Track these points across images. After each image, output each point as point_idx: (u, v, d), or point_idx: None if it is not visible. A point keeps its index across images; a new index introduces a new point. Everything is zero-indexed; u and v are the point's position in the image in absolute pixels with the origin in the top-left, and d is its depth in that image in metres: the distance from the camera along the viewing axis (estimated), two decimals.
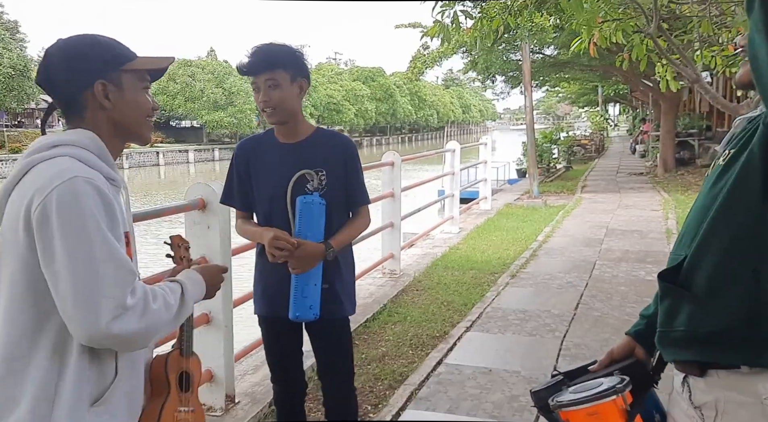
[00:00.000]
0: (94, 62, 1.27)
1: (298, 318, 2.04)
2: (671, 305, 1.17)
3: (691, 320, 1.13)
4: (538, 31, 10.74)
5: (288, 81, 2.03)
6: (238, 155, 2.19)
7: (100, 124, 1.29)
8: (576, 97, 41.47)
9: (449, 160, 8.07)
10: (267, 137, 2.18)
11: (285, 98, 2.03)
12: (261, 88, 2.02)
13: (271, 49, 2.04)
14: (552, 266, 6.17)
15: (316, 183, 2.07)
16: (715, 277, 1.10)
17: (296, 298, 2.02)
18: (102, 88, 1.27)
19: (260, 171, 2.13)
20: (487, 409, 3.08)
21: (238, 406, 3.00)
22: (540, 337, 4.13)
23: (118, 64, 1.29)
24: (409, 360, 3.74)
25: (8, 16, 38.92)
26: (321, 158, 2.10)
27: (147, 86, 1.35)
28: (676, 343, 1.16)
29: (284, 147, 2.12)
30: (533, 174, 12.38)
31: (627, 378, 1.24)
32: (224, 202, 2.29)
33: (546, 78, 21.29)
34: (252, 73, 2.02)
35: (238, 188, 2.18)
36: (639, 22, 4.59)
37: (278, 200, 2.08)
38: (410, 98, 63.38)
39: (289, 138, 2.13)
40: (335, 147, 2.14)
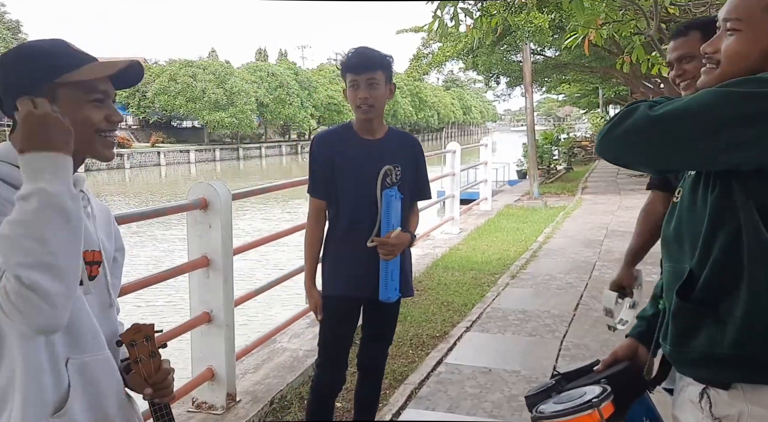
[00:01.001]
0: (21, 78, 1.14)
1: (389, 298, 2.26)
2: (687, 324, 1.14)
3: (712, 340, 1.09)
4: (538, 31, 10.75)
5: (384, 83, 2.24)
6: (319, 146, 2.32)
7: None
8: (577, 99, 41.50)
9: (450, 161, 8.08)
10: (347, 132, 2.34)
11: (380, 98, 2.24)
12: (361, 86, 2.20)
13: (372, 52, 2.24)
14: (552, 266, 6.18)
15: (394, 177, 2.28)
16: (741, 297, 1.07)
17: (386, 281, 2.24)
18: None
19: (346, 164, 2.27)
20: (486, 409, 3.10)
21: (239, 405, 3.02)
22: (540, 337, 4.14)
23: (51, 78, 1.14)
24: (409, 360, 3.75)
25: (10, 15, 38.97)
26: (398, 154, 2.32)
27: (98, 98, 1.17)
28: (696, 363, 1.14)
29: (368, 143, 2.30)
30: (534, 175, 12.41)
31: (608, 389, 1.22)
32: (312, 194, 2.39)
33: (547, 79, 21.32)
34: (355, 72, 2.20)
35: (322, 179, 2.31)
36: (639, 23, 4.61)
37: (366, 191, 2.25)
38: (411, 99, 63.38)
39: (371, 135, 2.31)
40: (408, 145, 2.39)
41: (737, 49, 1.14)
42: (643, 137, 1.09)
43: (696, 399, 1.14)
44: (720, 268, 1.09)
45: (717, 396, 1.10)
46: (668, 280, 1.21)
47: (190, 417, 2.92)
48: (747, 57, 1.13)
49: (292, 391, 3.25)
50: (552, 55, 17.30)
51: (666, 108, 1.08)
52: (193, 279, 2.96)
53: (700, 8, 4.68)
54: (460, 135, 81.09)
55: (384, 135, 2.35)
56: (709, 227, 1.10)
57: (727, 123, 1.02)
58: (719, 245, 1.09)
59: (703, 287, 1.11)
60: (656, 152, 1.10)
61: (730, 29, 1.15)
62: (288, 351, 3.72)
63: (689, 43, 1.91)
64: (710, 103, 1.04)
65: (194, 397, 2.99)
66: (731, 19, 1.15)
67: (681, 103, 1.07)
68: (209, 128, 43.79)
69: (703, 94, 1.06)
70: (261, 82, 45.59)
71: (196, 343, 3.00)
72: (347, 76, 2.23)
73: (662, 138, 1.07)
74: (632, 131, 1.10)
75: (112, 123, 1.19)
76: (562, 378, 1.38)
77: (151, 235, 13.63)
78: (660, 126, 1.07)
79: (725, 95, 1.04)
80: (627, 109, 1.13)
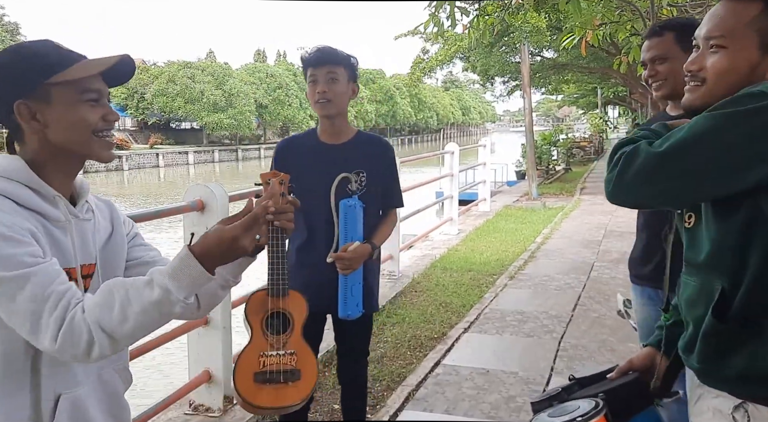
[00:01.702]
0: (11, 81, 1.10)
1: (348, 316, 2.16)
2: (723, 343, 1.11)
3: (752, 359, 1.07)
4: (535, 32, 10.76)
5: (345, 79, 2.17)
6: (280, 153, 2.26)
7: (35, 146, 1.13)
8: (575, 100, 41.55)
9: (448, 161, 8.08)
10: (309, 137, 2.27)
11: (340, 94, 2.15)
12: (320, 81, 2.13)
13: (335, 49, 2.19)
14: (550, 267, 6.18)
15: (356, 185, 2.18)
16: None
17: (346, 297, 2.14)
18: (25, 108, 1.10)
19: (303, 170, 2.16)
20: (484, 410, 3.09)
21: (236, 407, 3.01)
22: (538, 338, 4.14)
23: (42, 78, 1.10)
24: (407, 361, 3.75)
25: (8, 18, 38.94)
26: (362, 159, 2.21)
27: (93, 98, 1.14)
28: (733, 380, 1.11)
29: (328, 148, 2.21)
30: (532, 176, 12.42)
31: (600, 404, 1.21)
32: None
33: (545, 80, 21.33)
34: (315, 65, 2.14)
35: None
36: (636, 24, 4.61)
37: (320, 199, 2.16)
38: (410, 100, 63.42)
39: (333, 138, 2.23)
40: (376, 150, 2.28)
41: (725, 65, 1.15)
42: (658, 176, 1.06)
43: (728, 411, 1.11)
44: (759, 284, 1.07)
45: (756, 411, 1.08)
46: (692, 296, 1.18)
47: (187, 420, 2.92)
48: (736, 72, 1.15)
49: None
50: (550, 56, 17.32)
51: (670, 142, 1.06)
52: None
53: (696, 9, 4.69)
54: (459, 136, 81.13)
55: (349, 139, 2.24)
56: (740, 245, 1.08)
57: (739, 143, 1.01)
58: (755, 261, 1.07)
59: (741, 305, 1.08)
60: (677, 188, 1.07)
61: (715, 47, 1.16)
62: None
63: (663, 44, 1.91)
64: (716, 128, 1.03)
65: (191, 399, 2.99)
66: (715, 36, 1.16)
67: (684, 134, 1.05)
68: (208, 130, 43.75)
69: (703, 121, 1.05)
70: (260, 84, 45.59)
71: (193, 345, 2.99)
72: (307, 72, 2.16)
73: (678, 173, 1.05)
74: (644, 173, 1.07)
75: (109, 123, 1.17)
76: (574, 384, 1.36)
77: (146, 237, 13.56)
78: (672, 162, 1.05)
79: (727, 117, 1.03)
80: (627, 151, 1.10)
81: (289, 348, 1.49)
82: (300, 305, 1.51)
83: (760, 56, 1.12)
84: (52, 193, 1.13)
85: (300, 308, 1.51)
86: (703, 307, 1.14)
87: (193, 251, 1.11)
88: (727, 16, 1.16)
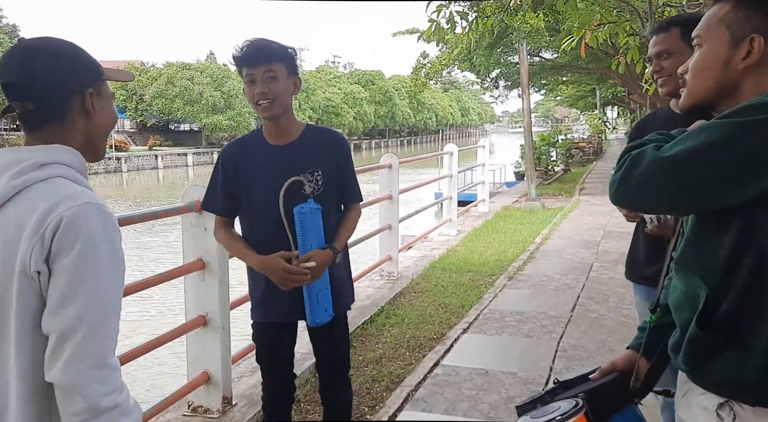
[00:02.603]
0: (83, 68, 1.20)
1: (317, 324, 2.06)
2: (706, 351, 1.12)
3: (735, 367, 1.08)
4: (534, 32, 10.77)
5: (285, 75, 2.01)
6: (226, 158, 2.13)
7: (76, 133, 1.19)
8: (574, 101, 41.58)
9: (447, 162, 8.09)
10: (255, 139, 2.12)
11: (281, 92, 2.00)
12: (258, 81, 1.98)
13: (268, 43, 2.02)
14: (549, 268, 6.18)
15: (311, 186, 2.04)
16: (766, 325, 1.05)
17: (313, 305, 2.04)
18: (90, 95, 1.20)
19: (251, 176, 2.07)
20: (483, 410, 3.09)
21: (235, 408, 3.01)
22: (537, 339, 4.14)
23: (100, 73, 1.22)
24: (406, 362, 3.75)
25: (7, 19, 38.91)
26: (315, 158, 2.06)
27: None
28: (718, 383, 1.12)
29: (275, 150, 2.07)
30: (531, 177, 12.42)
31: (580, 404, 1.23)
32: (206, 208, 2.24)
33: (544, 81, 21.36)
34: (251, 65, 1.98)
35: (224, 192, 2.12)
36: (634, 24, 4.62)
37: (269, 206, 2.02)
38: (409, 101, 63.45)
39: (280, 139, 2.08)
40: (328, 145, 2.12)
41: (700, 62, 1.18)
42: (662, 181, 1.06)
43: (713, 408, 1.12)
44: (745, 296, 1.07)
45: (742, 410, 1.09)
46: (679, 300, 1.19)
47: (185, 421, 2.92)
48: (710, 68, 1.16)
49: None
50: (549, 57, 17.34)
51: (678, 148, 1.05)
52: (188, 282, 2.96)
53: (695, 9, 4.70)
54: (458, 137, 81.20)
55: (297, 137, 2.09)
56: (732, 255, 1.07)
57: (743, 153, 1.01)
58: (744, 273, 1.06)
59: (725, 315, 1.09)
60: (679, 195, 1.07)
61: (696, 46, 1.20)
62: None
63: (669, 39, 1.91)
64: (721, 138, 1.03)
65: (190, 401, 2.98)
66: (695, 36, 1.20)
67: (693, 142, 1.05)
68: (207, 131, 43.77)
69: (713, 129, 1.04)
70: None
71: (191, 346, 2.99)
72: (243, 72, 2.00)
73: (683, 180, 1.05)
74: (648, 177, 1.07)
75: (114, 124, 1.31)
76: (558, 387, 1.38)
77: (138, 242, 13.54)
78: (677, 169, 1.05)
79: (740, 125, 1.02)
80: (634, 154, 1.10)
81: None
82: None
83: (731, 51, 1.13)
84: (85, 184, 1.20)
85: None
86: (688, 312, 1.15)
87: None
88: (708, 15, 1.19)
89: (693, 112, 1.20)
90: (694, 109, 1.20)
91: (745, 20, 1.12)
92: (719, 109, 1.17)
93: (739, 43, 1.12)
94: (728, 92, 1.15)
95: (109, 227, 1.08)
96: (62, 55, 1.18)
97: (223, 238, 2.19)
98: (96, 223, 1.06)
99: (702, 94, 1.18)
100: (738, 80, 1.13)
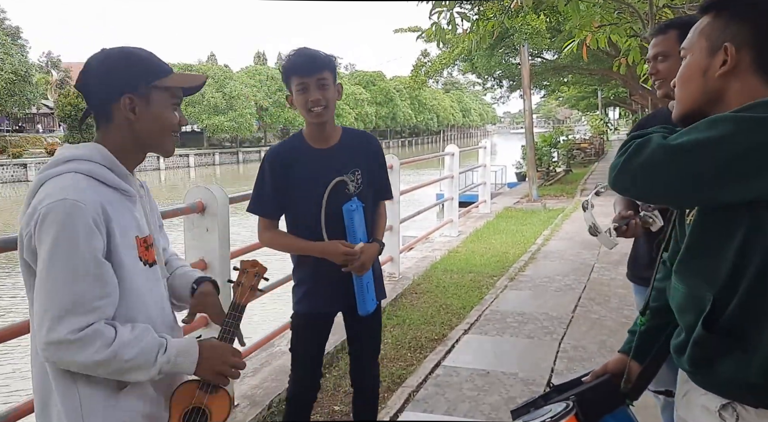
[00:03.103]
0: (125, 76, 1.31)
1: (368, 312, 2.24)
2: (711, 352, 1.12)
3: (740, 368, 1.08)
4: (535, 34, 10.78)
5: (332, 82, 2.14)
6: (273, 162, 2.20)
7: (123, 134, 1.33)
8: (576, 101, 41.56)
9: (448, 163, 8.09)
10: (298, 143, 2.23)
11: (331, 99, 2.13)
12: (310, 88, 2.09)
13: (316, 52, 2.13)
14: (550, 268, 6.18)
15: (354, 185, 2.18)
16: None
17: (364, 295, 2.21)
18: (129, 101, 1.31)
19: (299, 178, 2.16)
20: (484, 411, 3.10)
21: (238, 409, 3.02)
22: (538, 339, 4.15)
23: (149, 80, 1.33)
24: (407, 363, 3.75)
25: (10, 22, 38.99)
26: (354, 159, 2.21)
27: (177, 103, 1.39)
28: (721, 385, 1.12)
29: (320, 153, 2.19)
30: (532, 177, 12.42)
31: (569, 406, 1.25)
32: (255, 211, 2.28)
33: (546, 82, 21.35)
34: (304, 74, 2.08)
35: (273, 194, 2.20)
36: (635, 26, 4.62)
37: (315, 206, 2.16)
38: (410, 102, 63.50)
39: (322, 143, 2.19)
40: (365, 146, 2.28)
41: (683, 73, 1.21)
42: (666, 168, 1.04)
43: (715, 409, 1.13)
44: (751, 298, 1.07)
45: (745, 412, 1.09)
46: (683, 302, 1.19)
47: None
48: (691, 78, 1.18)
49: None
50: (550, 58, 17.34)
51: (685, 138, 1.04)
52: None
53: (695, 11, 4.70)
54: (459, 138, 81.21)
55: (338, 141, 2.22)
56: (738, 258, 1.07)
57: (750, 149, 1.00)
58: (750, 276, 1.06)
59: (730, 317, 1.09)
60: (681, 186, 1.05)
61: (682, 58, 1.22)
62: (287, 354, 3.70)
63: (666, 41, 1.92)
64: (731, 132, 1.01)
65: None
66: (682, 49, 1.23)
67: (701, 134, 1.04)
68: (209, 132, 43.83)
69: (719, 123, 1.04)
70: (260, 86, 45.69)
71: None
72: (293, 80, 2.10)
73: (686, 171, 1.03)
74: (652, 163, 1.05)
75: (182, 125, 1.43)
76: (553, 391, 1.40)
77: None
78: (682, 158, 1.03)
79: (741, 122, 1.02)
80: (639, 140, 1.08)
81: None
82: (223, 406, 1.40)
83: (708, 60, 1.15)
84: (125, 171, 1.35)
85: (222, 410, 1.40)
86: (692, 314, 1.15)
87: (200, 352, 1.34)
88: (693, 28, 1.21)
89: (685, 121, 1.21)
90: (685, 118, 1.20)
91: (720, 30, 1.14)
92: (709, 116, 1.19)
93: (715, 52, 1.14)
94: (714, 100, 1.16)
95: (76, 220, 1.20)
96: (103, 66, 1.32)
97: (272, 238, 2.29)
98: (63, 217, 1.19)
99: (689, 104, 1.19)
100: (719, 88, 1.14)
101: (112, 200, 1.29)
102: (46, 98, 44.37)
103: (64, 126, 38.77)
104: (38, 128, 46.85)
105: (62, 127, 41.02)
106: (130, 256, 1.30)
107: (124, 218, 1.30)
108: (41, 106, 44.04)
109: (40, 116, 47.72)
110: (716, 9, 1.16)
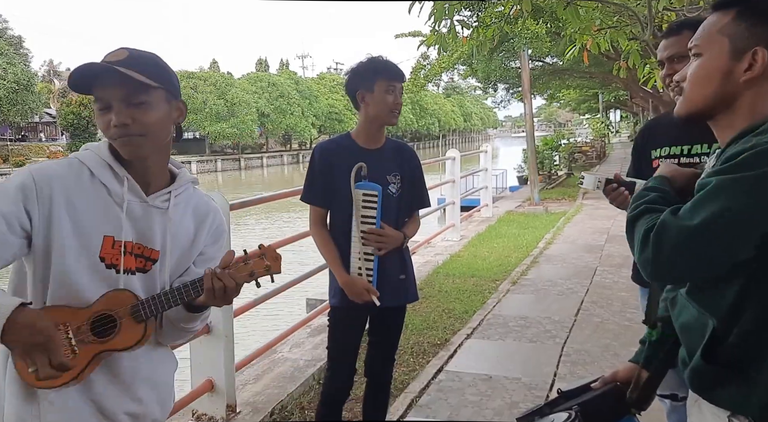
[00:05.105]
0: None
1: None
2: (710, 382, 1.12)
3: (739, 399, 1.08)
4: (535, 38, 10.79)
5: None
6: (321, 155, 2.34)
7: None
8: (577, 105, 41.59)
9: (450, 168, 8.09)
10: (347, 142, 2.37)
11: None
12: (397, 93, 2.31)
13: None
14: (553, 272, 6.17)
15: (395, 186, 2.33)
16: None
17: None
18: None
19: (345, 172, 2.27)
20: (487, 416, 3.09)
21: (239, 416, 3.01)
22: (541, 343, 4.13)
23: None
24: (410, 368, 3.74)
25: (12, 32, 39.15)
26: (397, 163, 2.38)
27: (100, 108, 1.36)
28: (726, 404, 1.11)
29: (368, 152, 2.33)
30: (534, 181, 12.41)
31: (573, 415, 1.25)
32: (307, 200, 2.39)
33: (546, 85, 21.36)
34: (397, 79, 2.30)
35: (322, 184, 2.32)
36: (634, 29, 4.63)
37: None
38: (411, 107, 63.52)
39: (372, 144, 2.35)
40: (406, 155, 2.46)
41: (699, 72, 1.16)
42: (699, 250, 1.04)
43: (724, 416, 1.12)
44: (752, 332, 1.06)
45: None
46: (690, 323, 1.17)
47: None
48: (709, 79, 1.14)
49: (292, 401, 3.24)
50: (550, 62, 17.36)
51: (700, 215, 1.03)
52: None
53: (695, 13, 4.70)
54: (461, 142, 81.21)
55: (384, 144, 2.39)
56: (742, 291, 1.07)
57: (760, 207, 0.99)
58: (753, 310, 1.06)
59: (730, 349, 1.08)
60: (720, 257, 1.04)
61: (694, 55, 1.18)
62: (288, 360, 3.71)
63: (681, 42, 1.90)
64: (739, 199, 1.01)
65: (194, 409, 2.99)
66: (694, 46, 1.18)
67: (713, 207, 1.02)
68: (211, 139, 43.91)
69: (723, 190, 1.02)
70: (262, 93, 45.77)
71: (195, 354, 3.00)
72: (382, 81, 2.26)
73: (718, 245, 1.03)
74: (683, 249, 1.04)
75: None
76: (560, 398, 1.38)
77: None
78: (708, 236, 1.03)
79: (744, 184, 1.00)
80: (656, 229, 1.07)
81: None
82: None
83: (732, 63, 1.12)
84: (123, 173, 1.33)
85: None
86: (696, 337, 1.14)
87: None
88: (706, 24, 1.17)
89: (689, 120, 1.19)
90: (690, 117, 1.18)
91: (748, 32, 1.10)
92: (716, 119, 1.17)
93: (741, 55, 1.10)
94: (726, 104, 1.14)
95: (14, 179, 1.26)
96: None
97: (318, 235, 2.37)
98: (12, 177, 1.29)
99: (700, 103, 1.17)
100: (737, 93, 1.12)
101: (88, 189, 1.29)
102: (49, 107, 44.54)
103: (67, 134, 38.92)
104: (41, 136, 47.03)
105: (65, 135, 41.17)
106: (76, 246, 1.25)
107: (90, 210, 1.28)
108: (44, 115, 44.21)
109: (43, 125, 47.88)
110: (739, 7, 1.12)
